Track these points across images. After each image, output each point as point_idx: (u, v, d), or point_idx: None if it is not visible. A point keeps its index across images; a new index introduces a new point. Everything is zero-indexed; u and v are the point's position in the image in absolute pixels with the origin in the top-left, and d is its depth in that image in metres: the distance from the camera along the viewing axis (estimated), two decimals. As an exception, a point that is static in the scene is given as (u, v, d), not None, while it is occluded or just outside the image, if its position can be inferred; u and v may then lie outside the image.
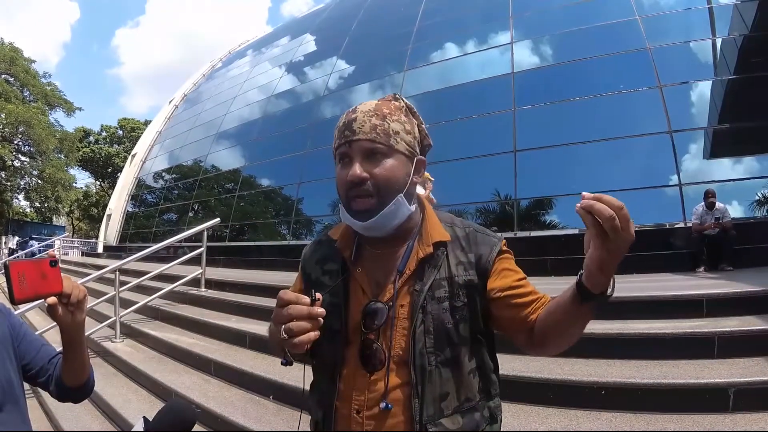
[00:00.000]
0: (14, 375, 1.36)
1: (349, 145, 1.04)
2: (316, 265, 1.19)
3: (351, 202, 1.04)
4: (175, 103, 24.35)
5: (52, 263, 1.17)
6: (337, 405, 1.05)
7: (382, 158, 1.03)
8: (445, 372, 1.01)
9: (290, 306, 0.91)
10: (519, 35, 11.32)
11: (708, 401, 2.76)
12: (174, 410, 1.06)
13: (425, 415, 0.98)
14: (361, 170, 1.01)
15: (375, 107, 1.07)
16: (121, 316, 5.98)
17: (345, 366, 1.05)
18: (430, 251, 1.06)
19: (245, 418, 3.35)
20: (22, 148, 31.61)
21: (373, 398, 1.01)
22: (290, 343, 0.90)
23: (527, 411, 2.87)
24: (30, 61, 33.61)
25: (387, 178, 1.02)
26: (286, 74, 17.34)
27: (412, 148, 1.08)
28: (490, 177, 9.92)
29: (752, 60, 8.65)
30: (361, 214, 1.02)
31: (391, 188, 1.03)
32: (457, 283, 1.04)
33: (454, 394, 1.01)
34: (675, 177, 7.98)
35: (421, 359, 0.99)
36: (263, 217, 14.59)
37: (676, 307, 3.92)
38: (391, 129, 1.04)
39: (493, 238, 1.12)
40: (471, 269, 1.07)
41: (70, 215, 47.34)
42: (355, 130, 1.04)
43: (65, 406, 3.88)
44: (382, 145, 1.02)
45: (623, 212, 0.78)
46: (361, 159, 1.02)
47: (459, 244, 1.10)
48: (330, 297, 1.05)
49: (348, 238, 1.15)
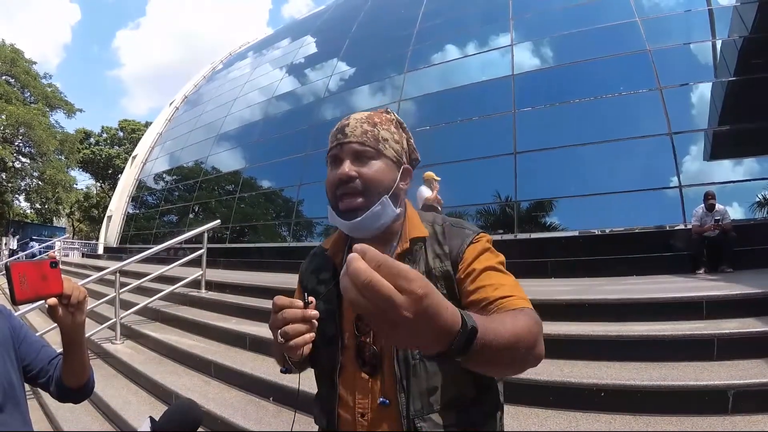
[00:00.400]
0: (15, 376, 1.37)
1: (340, 147, 1.09)
2: (311, 276, 1.21)
3: (339, 202, 1.07)
4: (176, 104, 24.39)
5: (52, 264, 1.18)
6: (339, 411, 1.06)
7: (369, 160, 1.07)
8: (431, 366, 0.99)
9: (284, 310, 0.93)
10: (519, 37, 11.33)
11: (707, 403, 2.76)
12: (181, 410, 1.07)
13: (412, 410, 0.97)
14: (350, 168, 1.06)
15: (367, 116, 1.13)
16: (121, 318, 5.99)
17: (344, 371, 1.07)
18: (407, 246, 1.08)
19: (245, 420, 3.35)
20: (23, 149, 31.64)
21: (374, 400, 1.02)
22: (287, 346, 0.92)
23: (526, 413, 2.87)
24: (31, 63, 33.69)
25: (374, 178, 1.06)
26: (286, 76, 17.37)
27: (399, 156, 1.12)
28: (491, 179, 9.92)
29: (752, 61, 8.65)
30: (347, 214, 1.06)
31: (378, 188, 1.06)
32: (435, 275, 1.04)
33: (443, 389, 0.99)
34: (675, 179, 7.98)
35: (404, 352, 0.99)
36: (264, 219, 14.59)
37: (675, 308, 3.92)
38: (380, 135, 1.10)
39: (467, 230, 1.11)
40: (446, 260, 1.06)
41: (70, 216, 47.35)
42: (347, 133, 1.09)
43: (65, 407, 3.89)
44: (371, 148, 1.07)
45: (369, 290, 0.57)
46: (350, 159, 1.07)
47: (436, 239, 1.10)
48: (324, 304, 1.07)
49: (339, 245, 1.18)
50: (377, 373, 1.03)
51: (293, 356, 0.95)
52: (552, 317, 3.88)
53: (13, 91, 30.70)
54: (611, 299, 4.23)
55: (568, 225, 8.34)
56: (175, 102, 24.74)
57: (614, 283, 5.75)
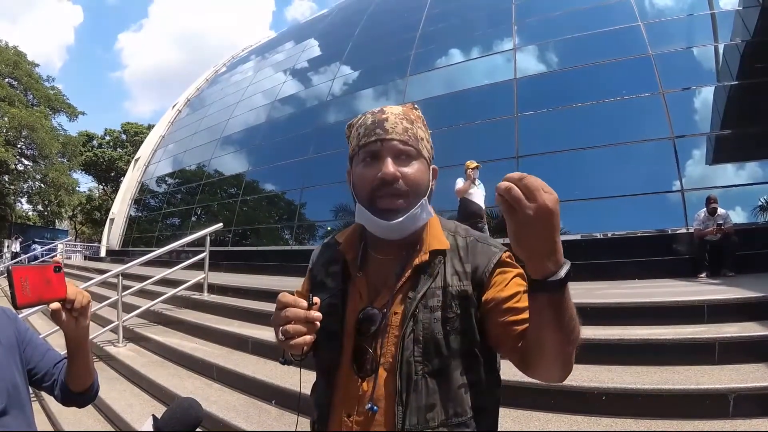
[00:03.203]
0: (20, 379, 1.37)
1: (381, 143, 1.03)
2: (321, 267, 1.19)
3: (377, 200, 1.03)
4: (179, 107, 24.43)
5: (56, 269, 1.19)
6: (330, 407, 1.06)
7: (411, 160, 1.04)
8: (432, 383, 0.97)
9: (288, 309, 0.94)
10: (522, 41, 11.35)
11: (708, 407, 2.77)
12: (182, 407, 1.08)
13: (408, 424, 0.95)
14: (395, 168, 1.01)
15: (403, 111, 1.08)
16: (123, 321, 6.01)
17: (339, 369, 1.06)
18: (426, 259, 1.04)
19: (247, 423, 3.36)
20: (26, 151, 31.67)
21: (363, 403, 1.00)
22: (287, 344, 0.93)
23: (528, 416, 2.87)
24: (33, 65, 33.74)
25: (417, 180, 1.03)
26: (289, 79, 17.41)
27: (431, 156, 1.11)
28: (492, 182, 9.84)
29: (755, 66, 8.65)
30: (388, 213, 1.02)
31: (419, 191, 1.04)
32: (450, 293, 1.00)
33: (441, 407, 0.97)
34: (677, 183, 7.98)
35: (408, 367, 0.97)
36: (266, 222, 14.59)
37: (677, 312, 3.92)
38: (418, 134, 1.06)
39: (493, 248, 1.07)
40: (466, 280, 1.02)
41: (72, 219, 47.40)
42: (388, 129, 1.04)
43: (67, 410, 3.91)
44: (412, 147, 1.04)
45: (523, 182, 0.76)
46: (392, 158, 1.03)
47: (458, 253, 1.06)
48: (330, 298, 1.07)
49: (353, 243, 1.15)
50: (368, 376, 1.01)
51: (294, 353, 0.97)
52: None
53: (16, 93, 30.75)
54: (613, 303, 4.23)
55: (570, 229, 8.32)
56: (177, 105, 24.78)
57: (616, 287, 5.75)
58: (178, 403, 1.09)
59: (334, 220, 12.08)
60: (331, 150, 12.40)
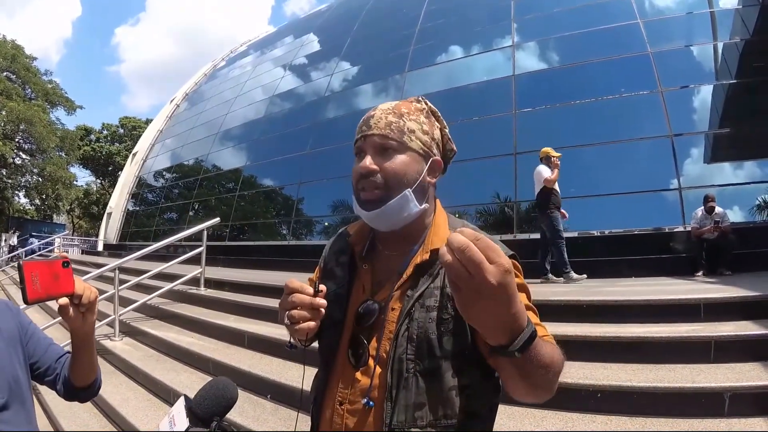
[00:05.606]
0: (22, 373, 1.36)
1: (363, 140, 1.08)
2: (332, 256, 1.22)
3: (360, 193, 1.08)
4: (177, 102, 24.37)
5: (64, 264, 1.18)
6: (326, 393, 1.09)
7: (393, 153, 1.06)
8: (423, 382, 0.97)
9: (294, 294, 0.98)
10: (521, 38, 11.32)
11: (703, 405, 2.77)
12: (216, 387, 1.08)
13: (395, 420, 0.95)
14: (371, 162, 1.05)
15: (394, 106, 1.11)
16: (120, 315, 6.00)
17: (337, 357, 1.08)
18: (427, 258, 1.04)
19: (243, 417, 3.36)
20: (23, 145, 31.67)
21: (354, 393, 1.02)
22: (292, 329, 0.98)
23: (522, 413, 2.88)
24: (31, 59, 33.72)
25: (395, 171, 1.04)
26: (287, 74, 17.36)
27: (427, 147, 1.10)
28: (491, 179, 9.91)
29: (753, 64, 8.65)
30: (367, 204, 1.06)
31: (399, 182, 1.05)
32: (447, 294, 0.99)
33: (430, 407, 0.96)
34: (675, 181, 7.98)
35: (399, 364, 0.97)
36: (263, 217, 14.59)
37: (673, 310, 3.93)
38: (406, 127, 1.07)
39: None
40: None
41: (70, 213, 47.36)
42: (371, 125, 1.08)
43: (63, 403, 3.89)
44: (394, 141, 1.06)
45: (465, 254, 0.66)
46: (373, 153, 1.06)
47: None
48: (336, 287, 1.11)
49: (362, 235, 1.18)
50: (361, 366, 1.03)
51: (298, 337, 1.01)
52: (550, 318, 3.87)
53: (13, 87, 30.73)
54: (609, 300, 4.23)
55: (567, 226, 8.30)
56: (176, 99, 24.71)
57: (612, 285, 5.76)
58: (213, 383, 1.09)
59: (331, 215, 12.08)
60: (329, 145, 12.40)
